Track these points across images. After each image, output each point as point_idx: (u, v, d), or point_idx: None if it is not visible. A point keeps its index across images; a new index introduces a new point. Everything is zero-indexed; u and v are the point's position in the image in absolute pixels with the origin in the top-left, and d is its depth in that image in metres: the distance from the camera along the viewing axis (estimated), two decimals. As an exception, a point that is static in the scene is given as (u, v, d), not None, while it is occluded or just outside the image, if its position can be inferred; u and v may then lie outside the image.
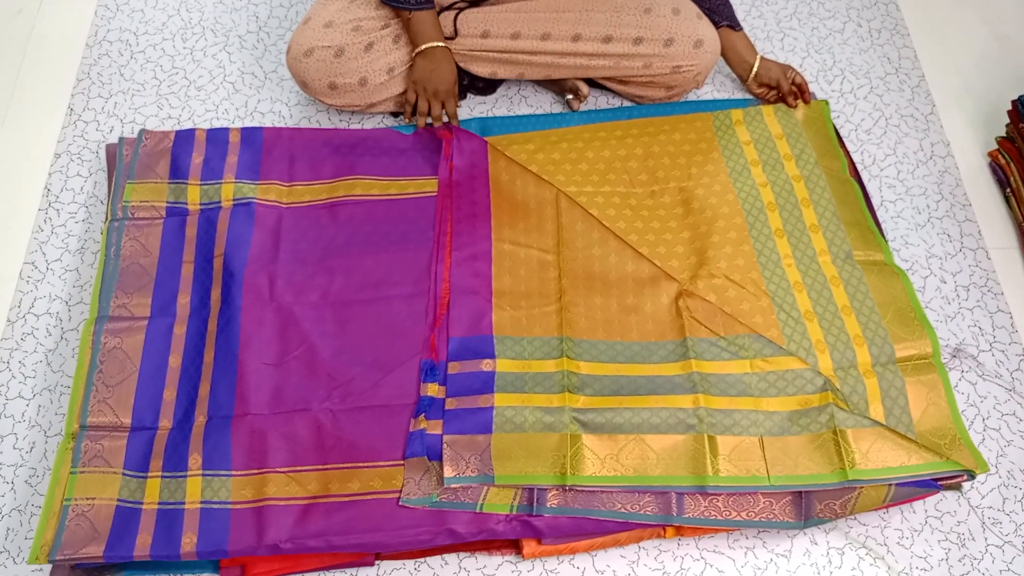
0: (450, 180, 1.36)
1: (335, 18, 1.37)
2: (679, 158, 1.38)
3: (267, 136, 1.40)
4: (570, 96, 1.49)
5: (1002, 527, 1.15)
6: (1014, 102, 1.40)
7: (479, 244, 1.29)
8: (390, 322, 1.22)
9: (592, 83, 1.50)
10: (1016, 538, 1.14)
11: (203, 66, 1.57)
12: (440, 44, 1.35)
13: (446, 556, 1.13)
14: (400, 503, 1.08)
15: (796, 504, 1.09)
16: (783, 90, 1.44)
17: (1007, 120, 1.43)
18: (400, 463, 1.11)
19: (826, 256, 1.27)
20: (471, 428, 1.12)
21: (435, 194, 1.34)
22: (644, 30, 1.38)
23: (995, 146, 1.45)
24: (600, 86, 1.51)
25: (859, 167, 1.45)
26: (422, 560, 1.12)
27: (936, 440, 1.13)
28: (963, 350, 1.28)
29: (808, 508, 1.09)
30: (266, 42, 1.61)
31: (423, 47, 1.35)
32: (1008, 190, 1.41)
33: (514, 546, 1.12)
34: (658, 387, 1.16)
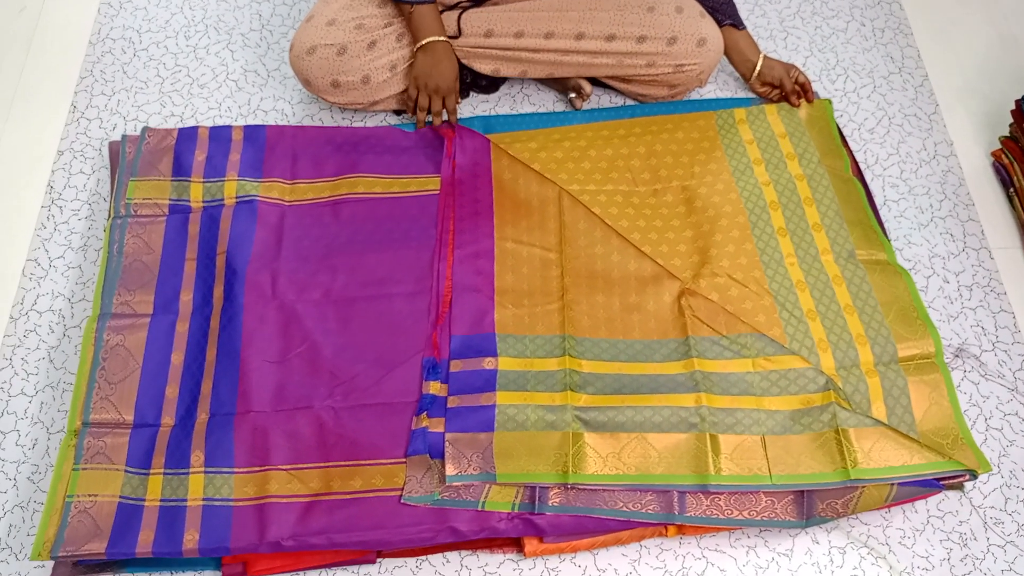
0: (453, 178, 1.36)
1: (338, 16, 1.37)
2: (682, 157, 1.38)
3: (270, 134, 1.40)
4: (573, 95, 1.48)
5: (1004, 527, 1.15)
6: (1017, 102, 1.39)
7: (481, 242, 1.29)
8: (392, 320, 1.22)
9: (595, 82, 1.50)
10: (1018, 538, 1.14)
11: (206, 64, 1.57)
12: (442, 39, 1.35)
13: (448, 554, 1.13)
14: (402, 501, 1.08)
15: (798, 503, 1.09)
16: (786, 89, 1.44)
17: (1010, 120, 1.43)
18: (402, 461, 1.11)
19: (829, 255, 1.27)
20: (473, 426, 1.12)
21: (437, 192, 1.34)
22: (647, 28, 1.38)
23: (998, 146, 1.45)
24: (603, 85, 1.51)
25: (862, 166, 1.45)
26: (424, 558, 1.12)
27: (938, 440, 1.13)
28: (966, 350, 1.27)
29: (810, 507, 1.09)
30: (269, 40, 1.61)
31: (424, 41, 1.34)
32: (1011, 190, 1.40)
33: (516, 544, 1.12)
34: (660, 386, 1.16)
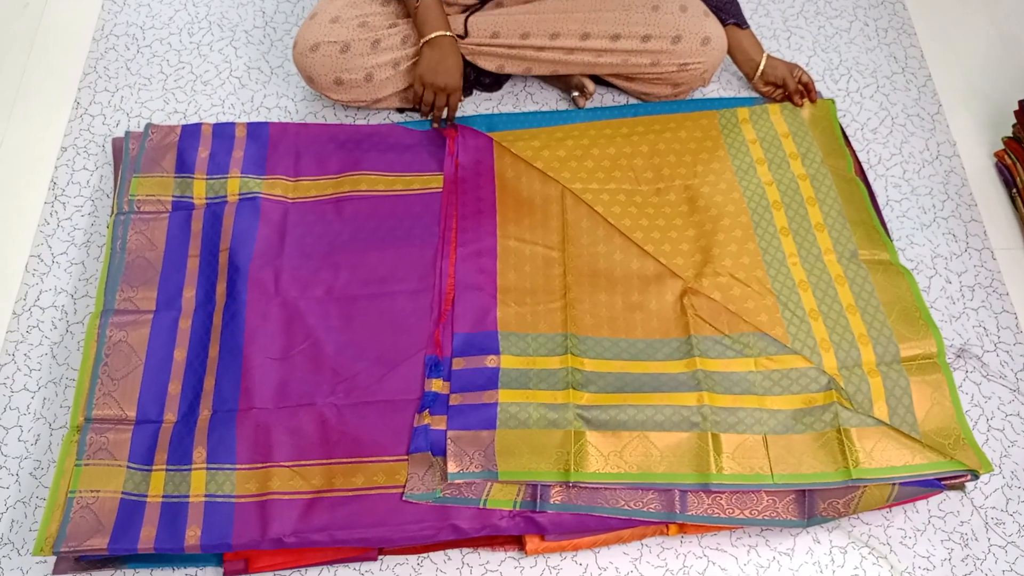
0: (455, 176, 1.36)
1: (341, 14, 1.37)
2: (685, 156, 1.38)
3: (273, 131, 1.40)
4: (576, 93, 1.48)
5: (1005, 527, 1.15)
6: (1021, 102, 1.39)
7: (484, 240, 1.29)
8: (395, 318, 1.22)
9: (598, 80, 1.50)
10: (1019, 539, 1.14)
11: (209, 61, 1.57)
12: (447, 34, 1.34)
13: (449, 551, 1.13)
14: (404, 498, 1.09)
15: (799, 503, 1.09)
16: (789, 89, 1.44)
17: (1013, 120, 1.43)
18: (404, 458, 1.11)
19: (831, 255, 1.27)
20: (475, 424, 1.12)
21: (440, 190, 1.34)
22: (652, 27, 1.38)
23: (1001, 146, 1.45)
24: (606, 83, 1.51)
25: (865, 166, 1.45)
26: (425, 555, 1.12)
27: (940, 440, 1.13)
28: (968, 350, 1.27)
29: (811, 507, 1.09)
30: (272, 37, 1.61)
31: (430, 36, 1.34)
32: (1014, 190, 1.40)
33: (517, 542, 1.12)
34: (662, 385, 1.16)
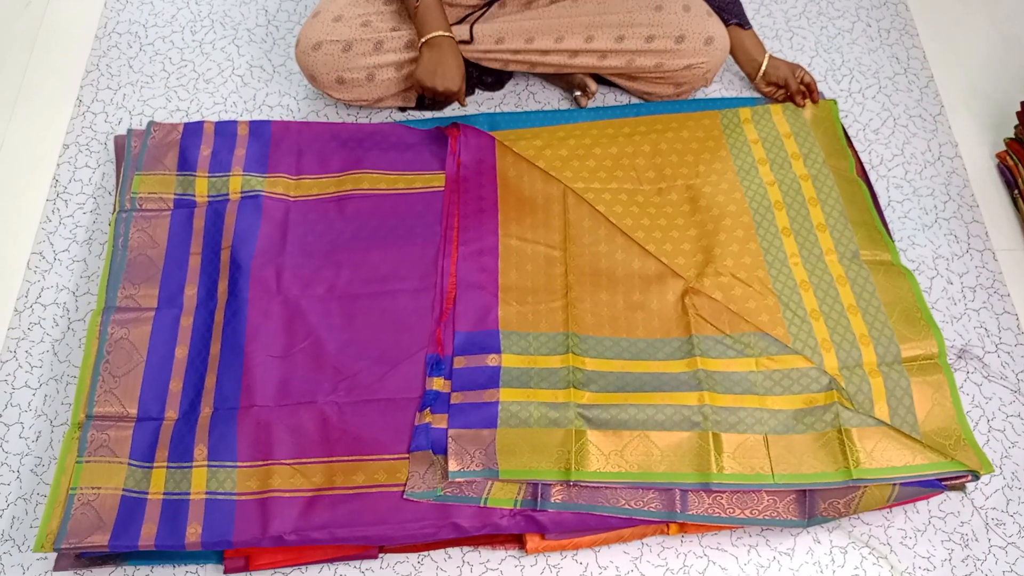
0: (457, 175, 1.36)
1: (344, 12, 1.37)
2: (687, 156, 1.38)
3: (275, 129, 1.40)
4: (578, 93, 1.48)
5: (1006, 528, 1.15)
6: (1023, 103, 1.39)
7: (486, 239, 1.29)
8: (396, 316, 1.23)
9: (600, 79, 1.50)
10: (1020, 539, 1.14)
11: (212, 59, 1.57)
12: (447, 34, 1.33)
13: (450, 550, 1.13)
14: (404, 496, 1.09)
15: (800, 502, 1.09)
16: (791, 89, 1.44)
17: (1015, 121, 1.43)
18: (405, 456, 1.11)
19: (833, 255, 1.27)
20: (476, 422, 1.12)
21: (442, 189, 1.34)
22: (656, 27, 1.38)
23: (1003, 147, 1.45)
24: (608, 83, 1.51)
25: (867, 167, 1.45)
26: (426, 554, 1.13)
27: (941, 440, 1.13)
28: (969, 351, 1.27)
29: (812, 507, 1.09)
30: (275, 35, 1.61)
31: (429, 36, 1.32)
32: (1016, 192, 1.40)
33: (517, 541, 1.13)
34: (663, 384, 1.16)
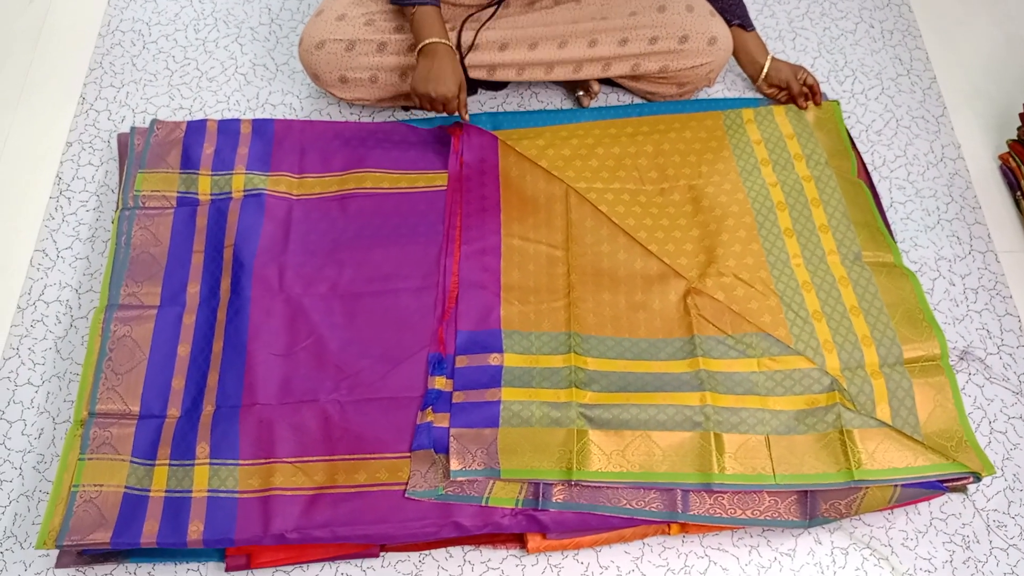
0: (460, 174, 1.36)
1: (347, 11, 1.37)
2: (689, 156, 1.38)
3: (278, 128, 1.40)
4: (581, 92, 1.48)
5: (1007, 530, 1.15)
6: (1026, 105, 1.40)
7: (488, 238, 1.29)
8: (398, 315, 1.23)
9: (603, 80, 1.49)
10: (1021, 541, 1.14)
11: (215, 57, 1.57)
12: (443, 41, 1.29)
13: (451, 549, 1.13)
14: (406, 495, 1.09)
15: (801, 503, 1.09)
16: (793, 91, 1.44)
17: (1018, 123, 1.43)
18: (407, 455, 1.12)
19: (835, 256, 1.27)
20: (478, 422, 1.12)
21: (445, 188, 1.34)
22: (659, 28, 1.37)
23: (1006, 149, 1.45)
24: (611, 83, 1.51)
25: (869, 168, 1.45)
26: (427, 552, 1.13)
27: (942, 442, 1.13)
28: (971, 353, 1.27)
29: (813, 507, 1.09)
30: (278, 34, 1.61)
31: (424, 43, 1.29)
32: (1018, 193, 1.40)
33: (519, 540, 1.13)
34: (665, 384, 1.16)
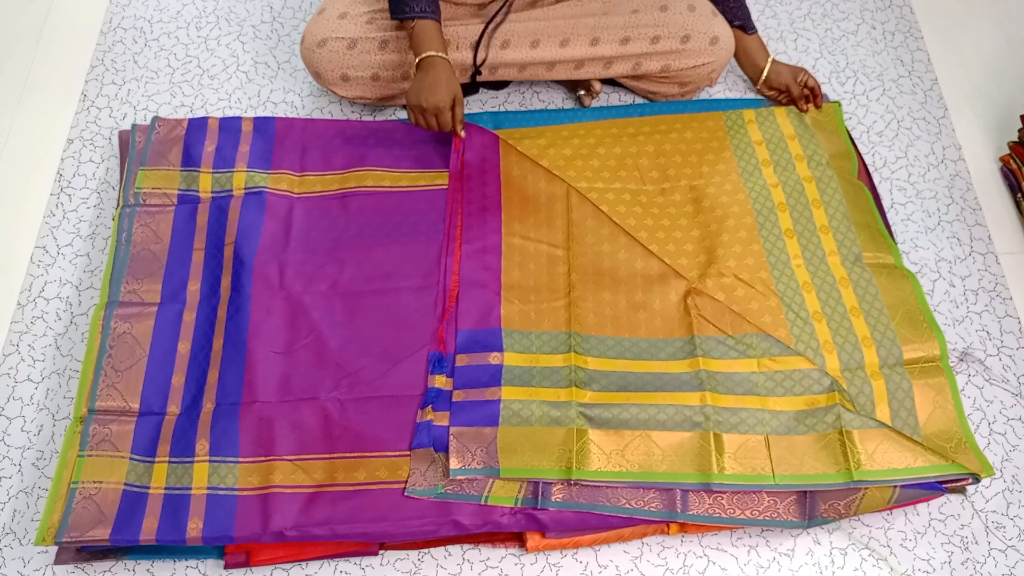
0: (461, 173, 1.36)
1: (349, 10, 1.37)
2: (690, 156, 1.38)
3: (279, 126, 1.40)
4: (582, 92, 1.48)
5: (1006, 531, 1.15)
6: (1027, 107, 1.40)
7: (489, 238, 1.29)
8: (399, 313, 1.23)
9: (605, 79, 1.49)
10: (1019, 543, 1.14)
11: (216, 55, 1.57)
12: (439, 55, 1.26)
13: (450, 547, 1.13)
14: (405, 494, 1.09)
15: (800, 503, 1.09)
16: (793, 94, 1.43)
17: (1019, 125, 1.43)
18: (406, 454, 1.12)
19: (836, 257, 1.27)
20: (478, 420, 1.13)
21: (446, 187, 1.34)
22: (661, 28, 1.38)
23: (1007, 151, 1.45)
24: (612, 82, 1.51)
25: (870, 169, 1.45)
26: (426, 551, 1.13)
27: (942, 443, 1.14)
28: (971, 354, 1.28)
29: (812, 508, 1.09)
30: (280, 32, 1.61)
31: (421, 56, 1.26)
32: (1019, 195, 1.40)
33: (518, 539, 1.13)
34: (665, 384, 1.16)
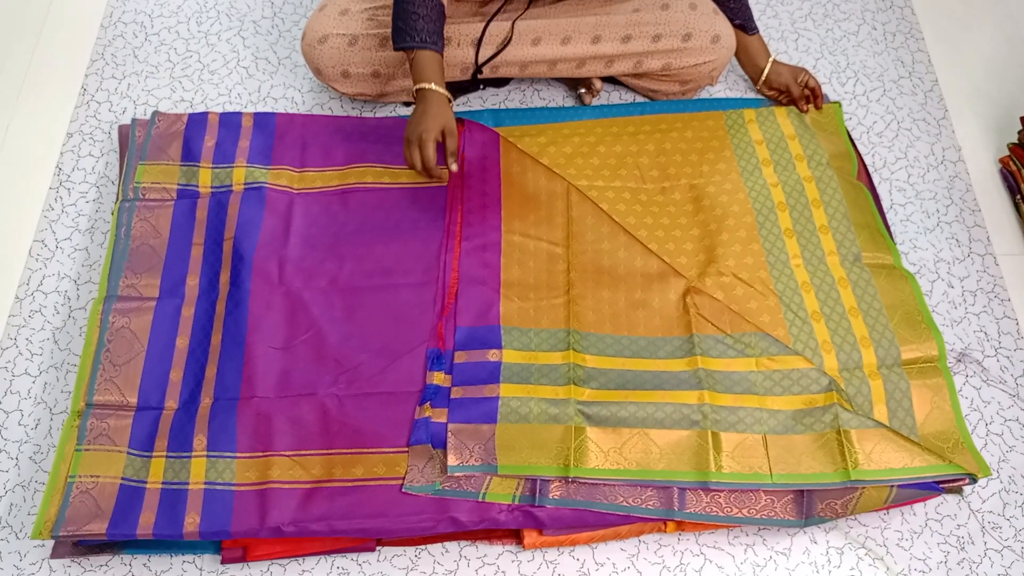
0: (461, 170, 1.36)
1: (350, 6, 1.37)
2: (691, 155, 1.38)
3: (280, 122, 1.40)
4: (583, 90, 1.48)
5: (1002, 532, 1.15)
6: (1027, 109, 1.40)
7: (489, 235, 1.29)
8: (398, 310, 1.23)
9: (605, 77, 1.49)
10: (1015, 543, 1.14)
11: (217, 50, 1.57)
12: (432, 87, 1.21)
13: (447, 544, 1.13)
14: (403, 490, 1.09)
15: (797, 503, 1.10)
16: (793, 95, 1.43)
17: (1019, 126, 1.43)
18: (404, 450, 1.12)
19: (835, 257, 1.27)
20: (476, 417, 1.13)
21: (446, 184, 1.34)
22: (662, 26, 1.38)
23: (1006, 152, 1.45)
24: (613, 80, 1.51)
25: (870, 170, 1.45)
26: (423, 547, 1.13)
27: (939, 443, 1.14)
28: (968, 355, 1.28)
29: (809, 507, 1.09)
30: (280, 28, 1.61)
31: (416, 87, 1.23)
32: (1018, 197, 1.40)
33: (515, 536, 1.13)
34: (664, 382, 1.16)
